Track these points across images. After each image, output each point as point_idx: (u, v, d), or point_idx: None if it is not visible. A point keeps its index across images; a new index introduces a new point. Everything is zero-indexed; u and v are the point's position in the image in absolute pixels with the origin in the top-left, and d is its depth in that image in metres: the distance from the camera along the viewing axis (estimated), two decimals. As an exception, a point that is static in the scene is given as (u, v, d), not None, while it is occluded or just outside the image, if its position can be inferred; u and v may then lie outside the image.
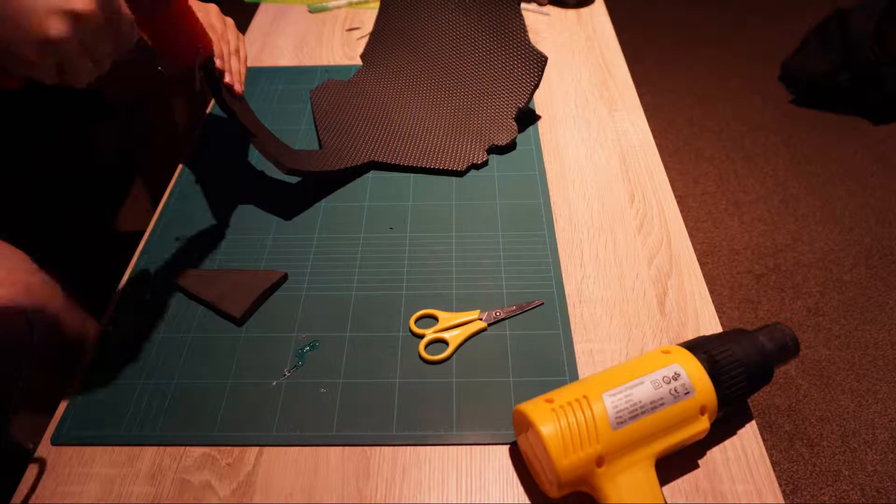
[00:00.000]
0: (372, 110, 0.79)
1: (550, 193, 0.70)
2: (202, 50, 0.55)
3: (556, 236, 0.65)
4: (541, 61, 0.73)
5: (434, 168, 0.72)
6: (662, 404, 0.43)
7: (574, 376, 0.53)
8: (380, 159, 0.73)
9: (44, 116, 0.79)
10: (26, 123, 0.76)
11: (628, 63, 0.90)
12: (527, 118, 0.80)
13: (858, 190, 1.53)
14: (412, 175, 0.73)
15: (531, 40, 0.75)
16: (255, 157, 0.76)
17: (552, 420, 0.42)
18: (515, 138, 0.74)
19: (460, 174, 0.72)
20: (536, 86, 0.74)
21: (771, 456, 1.03)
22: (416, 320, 0.57)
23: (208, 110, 0.84)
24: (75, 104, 0.82)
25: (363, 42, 0.98)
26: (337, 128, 0.77)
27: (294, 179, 0.73)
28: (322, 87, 0.85)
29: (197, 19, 0.55)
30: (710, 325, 0.57)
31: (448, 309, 0.58)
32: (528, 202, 0.69)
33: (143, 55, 0.85)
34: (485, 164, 0.72)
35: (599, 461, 0.41)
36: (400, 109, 0.78)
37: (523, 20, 0.74)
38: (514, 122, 0.74)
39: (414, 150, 0.73)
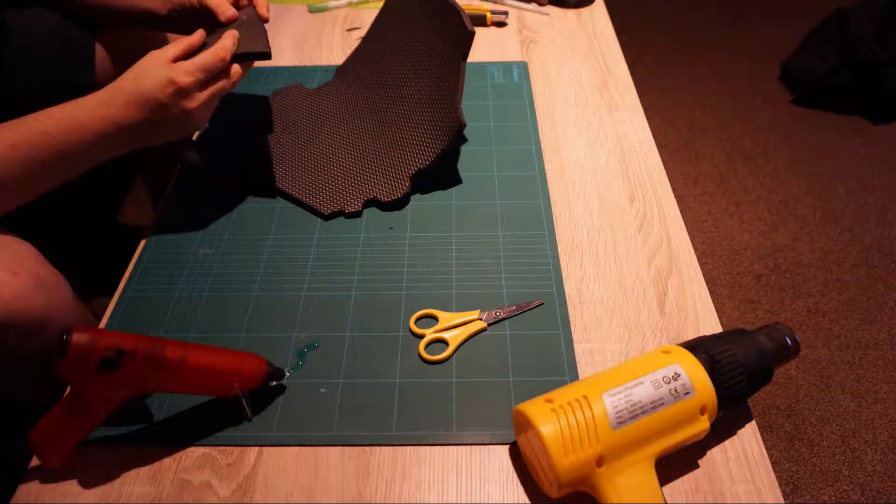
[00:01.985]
0: (298, 127, 0.77)
1: (550, 193, 0.70)
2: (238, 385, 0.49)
3: (556, 236, 0.65)
4: (454, 125, 0.66)
5: (300, 201, 0.69)
6: (662, 404, 0.43)
7: (574, 376, 0.53)
8: (258, 177, 0.71)
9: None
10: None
11: (628, 63, 0.90)
12: (525, 119, 0.80)
13: (858, 190, 1.53)
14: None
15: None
16: (255, 158, 0.76)
17: (552, 420, 0.42)
18: (406, 197, 0.68)
19: (324, 217, 0.67)
20: (445, 150, 0.67)
21: (771, 456, 1.03)
22: (416, 320, 0.57)
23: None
24: None
25: (363, 42, 0.98)
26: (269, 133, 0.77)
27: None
28: (284, 90, 0.84)
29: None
30: (710, 325, 0.57)
31: (448, 309, 0.58)
32: (528, 202, 0.69)
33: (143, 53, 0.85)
34: (356, 214, 0.67)
35: (599, 461, 0.41)
36: (319, 134, 0.76)
37: (459, 78, 0.66)
38: (407, 182, 0.68)
39: (296, 179, 0.71)
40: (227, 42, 0.61)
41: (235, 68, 0.63)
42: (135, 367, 0.43)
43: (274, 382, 0.52)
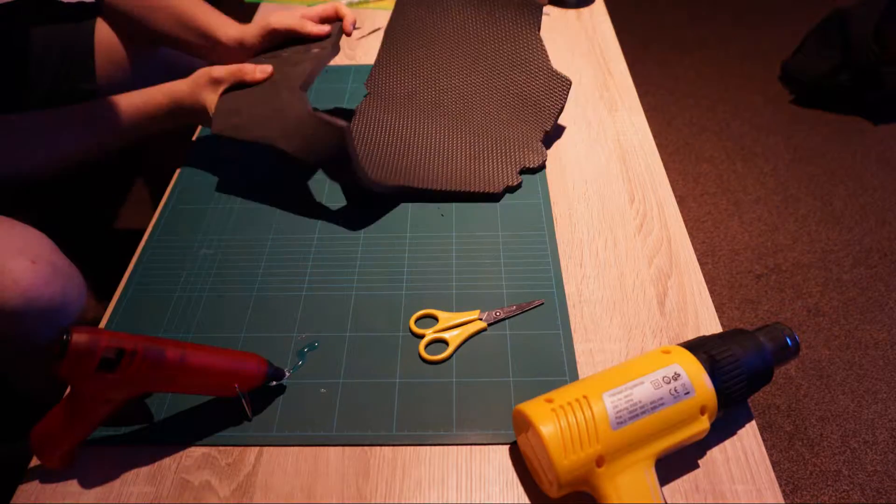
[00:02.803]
0: (391, 138, 0.75)
1: (550, 193, 0.70)
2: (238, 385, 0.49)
3: (556, 236, 0.65)
4: (566, 85, 0.73)
5: (470, 192, 0.69)
6: (662, 404, 0.43)
7: (574, 376, 0.53)
8: (413, 184, 0.69)
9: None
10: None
11: (628, 63, 0.90)
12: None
13: (858, 190, 1.53)
14: (412, 175, 0.72)
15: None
16: (255, 158, 0.76)
17: (552, 420, 0.42)
18: (545, 160, 0.73)
19: (496, 198, 0.69)
20: (561, 109, 0.74)
21: (771, 456, 1.03)
22: (416, 320, 0.57)
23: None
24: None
25: (363, 42, 0.98)
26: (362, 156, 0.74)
27: (293, 178, 0.73)
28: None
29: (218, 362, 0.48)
30: (710, 325, 0.57)
31: (448, 309, 0.58)
32: (528, 202, 0.69)
33: (145, 70, 0.85)
34: (519, 186, 0.70)
35: (599, 461, 0.41)
36: (419, 137, 0.75)
37: (544, 46, 0.74)
38: (542, 146, 0.73)
39: (445, 175, 0.70)
40: (268, 69, 0.69)
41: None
42: (135, 368, 0.43)
43: (274, 382, 0.52)
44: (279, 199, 0.71)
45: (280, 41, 0.74)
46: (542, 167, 0.73)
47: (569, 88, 0.73)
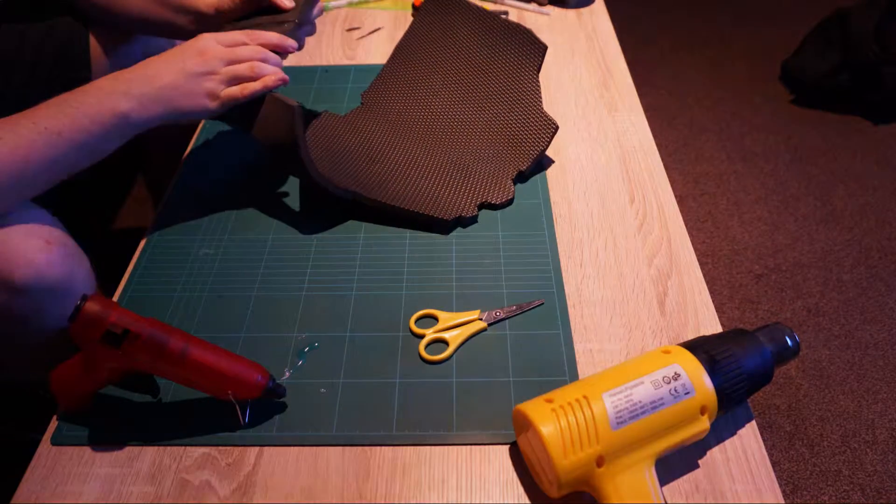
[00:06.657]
0: (365, 148, 0.75)
1: (550, 193, 0.70)
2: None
3: (556, 236, 0.65)
4: (551, 128, 0.71)
5: (419, 213, 0.66)
6: (662, 404, 0.43)
7: (574, 376, 0.53)
8: (365, 193, 0.66)
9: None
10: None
11: (628, 63, 0.90)
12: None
13: (858, 190, 1.53)
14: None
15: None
16: (255, 158, 0.76)
17: (552, 420, 0.42)
18: (511, 199, 0.69)
19: (446, 227, 0.66)
20: (543, 151, 0.72)
21: (771, 456, 1.03)
22: (416, 320, 0.57)
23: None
24: None
25: (363, 42, 0.98)
26: (326, 158, 0.72)
27: (293, 180, 0.73)
28: (315, 120, 0.79)
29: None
30: (710, 325, 0.57)
31: (448, 309, 0.58)
32: (528, 202, 0.69)
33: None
34: (473, 220, 0.67)
35: (599, 461, 0.41)
36: (395, 152, 0.74)
37: (539, 87, 0.73)
38: (511, 184, 0.70)
39: (402, 192, 0.68)
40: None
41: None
42: (135, 349, 0.45)
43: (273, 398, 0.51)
44: (279, 199, 0.71)
45: (254, 7, 0.71)
46: (508, 204, 0.69)
47: (554, 132, 0.71)
